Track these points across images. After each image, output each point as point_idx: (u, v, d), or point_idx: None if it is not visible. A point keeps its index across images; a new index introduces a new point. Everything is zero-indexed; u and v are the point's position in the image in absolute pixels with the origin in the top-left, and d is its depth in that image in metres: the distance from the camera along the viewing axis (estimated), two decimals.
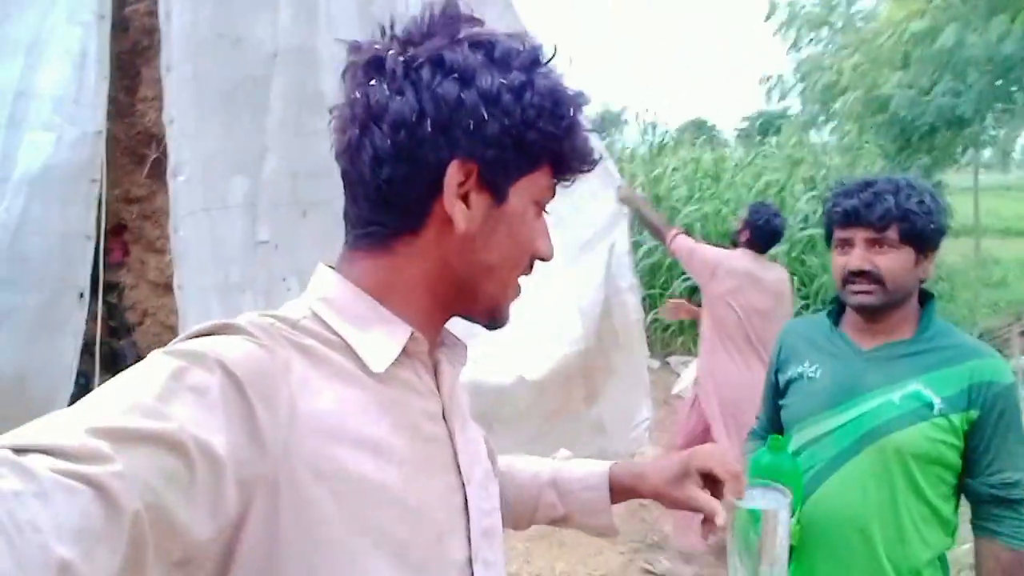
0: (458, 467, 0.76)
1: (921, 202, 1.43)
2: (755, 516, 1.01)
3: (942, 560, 1.49)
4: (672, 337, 7.18)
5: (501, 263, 0.74)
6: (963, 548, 1.74)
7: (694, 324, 3.80)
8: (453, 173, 0.69)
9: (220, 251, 2.52)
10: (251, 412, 0.59)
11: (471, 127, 0.68)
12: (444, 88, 0.68)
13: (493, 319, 0.79)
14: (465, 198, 0.70)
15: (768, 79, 9.71)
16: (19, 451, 0.46)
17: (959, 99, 5.23)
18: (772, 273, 3.49)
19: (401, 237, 0.73)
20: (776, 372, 1.69)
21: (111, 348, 3.14)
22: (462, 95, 0.68)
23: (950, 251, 8.11)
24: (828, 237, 1.57)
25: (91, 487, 0.46)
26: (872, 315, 1.50)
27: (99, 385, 0.56)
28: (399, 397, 0.71)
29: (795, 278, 7.87)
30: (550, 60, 0.74)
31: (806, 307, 7.65)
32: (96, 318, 2.72)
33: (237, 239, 2.59)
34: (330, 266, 0.76)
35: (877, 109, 5.94)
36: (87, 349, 2.81)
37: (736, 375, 3.45)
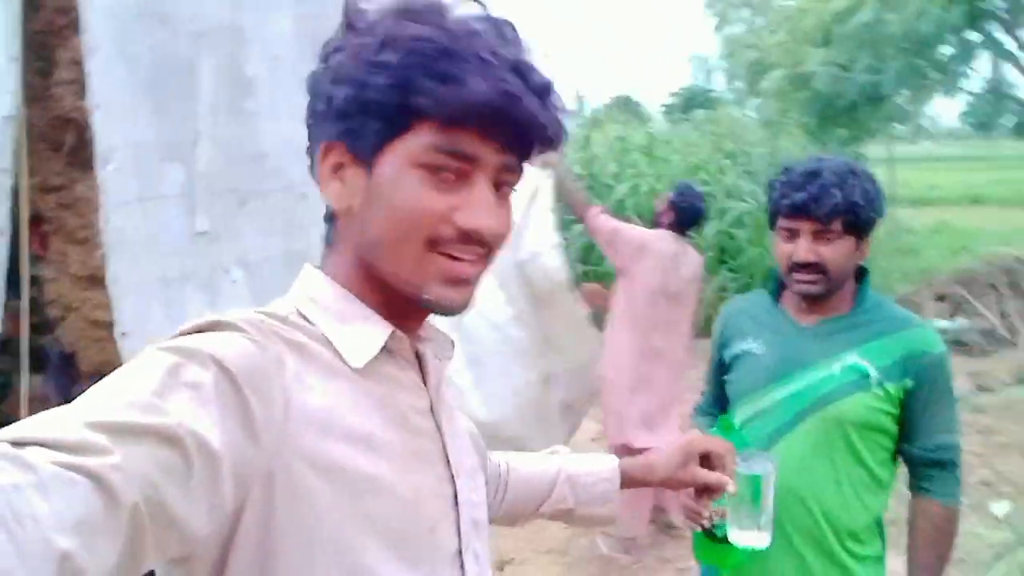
0: (447, 459, 0.78)
1: (865, 192, 1.49)
2: (746, 479, 1.18)
3: (879, 521, 1.58)
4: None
5: (385, 236, 0.70)
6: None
7: None
8: (319, 157, 0.72)
9: (156, 243, 2.40)
10: (246, 407, 0.60)
11: (325, 108, 0.70)
12: (313, 79, 0.73)
13: (417, 301, 0.72)
14: (344, 178, 0.72)
15: (695, 56, 9.91)
16: (18, 444, 0.46)
17: (878, 76, 5.43)
18: (691, 257, 3.54)
19: (332, 229, 0.77)
20: (720, 349, 1.75)
21: (32, 345, 2.97)
22: (319, 80, 0.71)
23: None
24: (772, 221, 1.61)
25: (90, 479, 0.46)
26: (815, 298, 1.57)
27: (23, 385, 0.53)
28: (386, 392, 0.73)
29: (724, 252, 8.07)
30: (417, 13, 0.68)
31: (735, 280, 7.86)
32: (16, 315, 2.57)
33: (174, 230, 2.48)
34: (316, 266, 0.78)
35: (801, 86, 6.11)
36: (6, 348, 2.64)
37: (639, 356, 3.48)
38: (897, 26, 4.80)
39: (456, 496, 0.77)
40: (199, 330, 0.65)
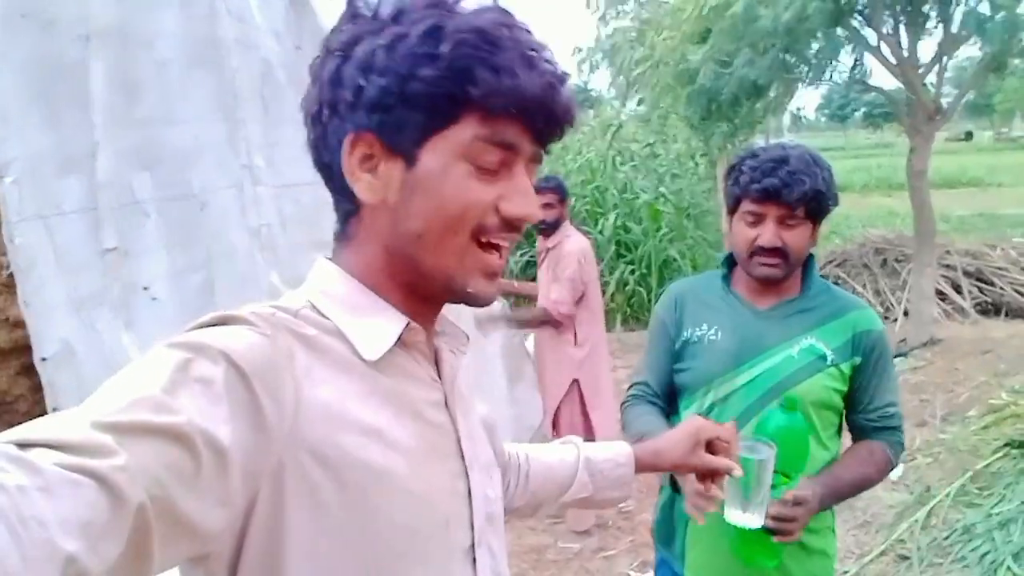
0: (461, 453, 0.78)
1: (825, 180, 1.53)
2: (749, 463, 1.22)
3: None
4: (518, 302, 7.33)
5: (427, 229, 0.69)
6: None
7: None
8: (346, 148, 0.70)
9: (64, 262, 2.26)
10: (256, 402, 0.59)
11: (351, 98, 0.69)
12: (328, 69, 0.70)
13: (456, 294, 0.73)
14: (375, 169, 0.70)
15: (579, 51, 10.12)
16: (23, 446, 0.46)
17: (755, 69, 5.73)
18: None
19: (352, 221, 0.75)
20: (674, 334, 1.70)
21: None
22: (341, 70, 0.69)
23: None
24: (734, 206, 1.62)
25: (95, 481, 0.46)
26: (770, 282, 1.61)
27: None
28: (399, 385, 0.73)
29: (620, 246, 8.32)
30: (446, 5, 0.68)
31: (632, 272, 8.12)
32: None
33: (81, 248, 2.34)
34: (328, 258, 0.77)
35: (687, 81, 6.37)
36: None
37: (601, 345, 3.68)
38: (768, 20, 5.09)
39: (470, 491, 0.77)
40: (209, 325, 0.64)
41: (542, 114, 0.69)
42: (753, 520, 1.26)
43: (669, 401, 1.73)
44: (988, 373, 5.49)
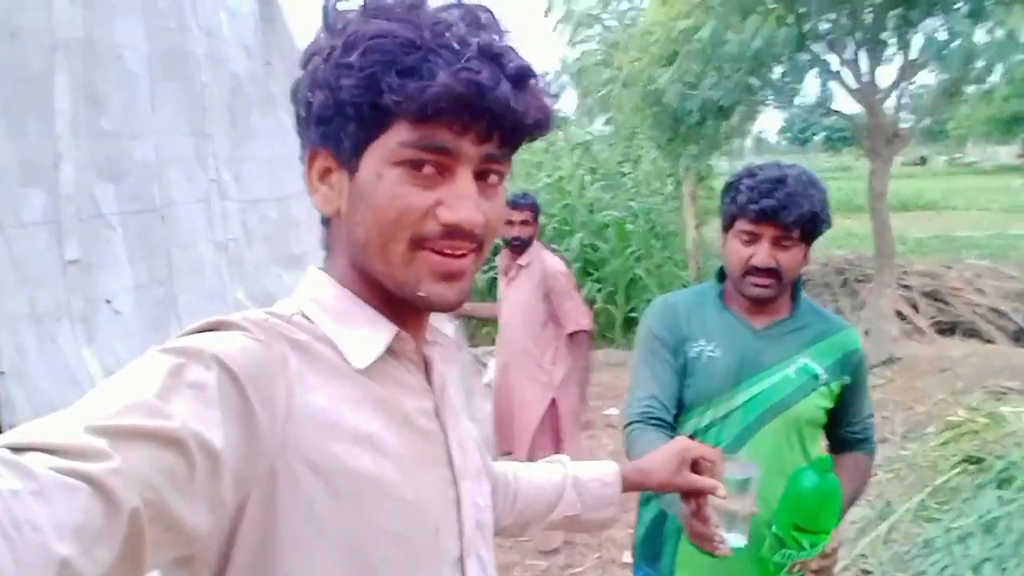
0: (451, 461, 0.78)
1: (821, 201, 1.53)
2: (732, 484, 1.20)
3: None
4: (476, 329, 7.33)
5: (369, 237, 0.70)
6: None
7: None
8: (306, 162, 0.73)
9: (23, 274, 2.21)
10: (248, 408, 0.59)
11: (304, 113, 0.71)
12: (295, 86, 0.72)
13: (411, 299, 0.72)
14: (330, 181, 0.72)
15: (546, 74, 10.21)
16: (17, 450, 0.46)
17: (720, 92, 5.85)
18: None
19: (327, 232, 0.77)
20: (676, 347, 1.63)
21: None
22: (300, 86, 0.71)
23: (712, 229, 9.06)
24: (729, 224, 1.60)
25: (89, 485, 0.46)
26: (763, 302, 1.60)
27: None
28: (390, 394, 0.73)
29: (588, 264, 8.38)
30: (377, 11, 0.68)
31: (599, 290, 8.17)
32: None
33: (41, 260, 2.29)
34: (320, 267, 0.78)
35: (654, 102, 6.47)
36: None
37: None
38: (734, 45, 5.20)
39: (459, 499, 0.78)
40: (202, 330, 0.64)
41: (473, 113, 0.66)
42: (738, 540, 1.24)
43: (676, 416, 1.63)
44: (946, 391, 5.61)
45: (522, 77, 0.68)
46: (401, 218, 0.68)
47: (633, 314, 7.83)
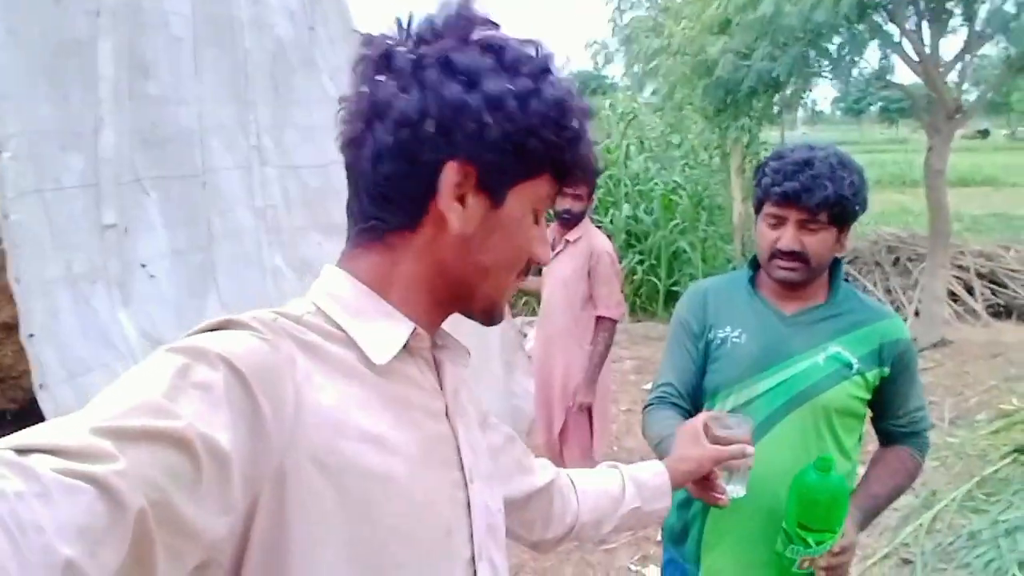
0: (462, 464, 0.78)
1: (852, 184, 1.49)
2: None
3: None
4: (516, 299, 7.30)
5: (496, 265, 0.75)
6: None
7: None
8: (450, 174, 0.70)
9: (60, 238, 2.23)
10: (256, 408, 0.59)
11: (472, 130, 0.69)
12: (449, 89, 0.68)
13: (489, 317, 0.80)
14: (462, 199, 0.71)
15: (594, 43, 10.04)
16: (21, 452, 0.46)
17: (775, 63, 5.65)
18: None
19: (399, 233, 0.74)
20: (704, 334, 1.65)
21: None
22: (466, 97, 0.68)
23: None
24: (758, 206, 1.60)
25: (94, 486, 0.46)
26: (793, 287, 1.58)
27: None
28: (401, 392, 0.73)
29: (631, 236, 8.26)
30: (558, 69, 0.75)
31: (641, 263, 8.06)
32: None
33: (80, 224, 2.31)
34: (338, 266, 0.77)
35: (704, 73, 6.29)
36: None
37: None
38: (795, 17, 5.01)
39: (470, 502, 0.77)
40: (210, 330, 0.64)
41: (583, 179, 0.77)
42: (736, 491, 1.30)
43: (694, 403, 1.65)
44: (998, 377, 5.43)
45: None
46: (526, 254, 0.78)
47: (676, 288, 7.71)
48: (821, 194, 1.46)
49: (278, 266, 3.18)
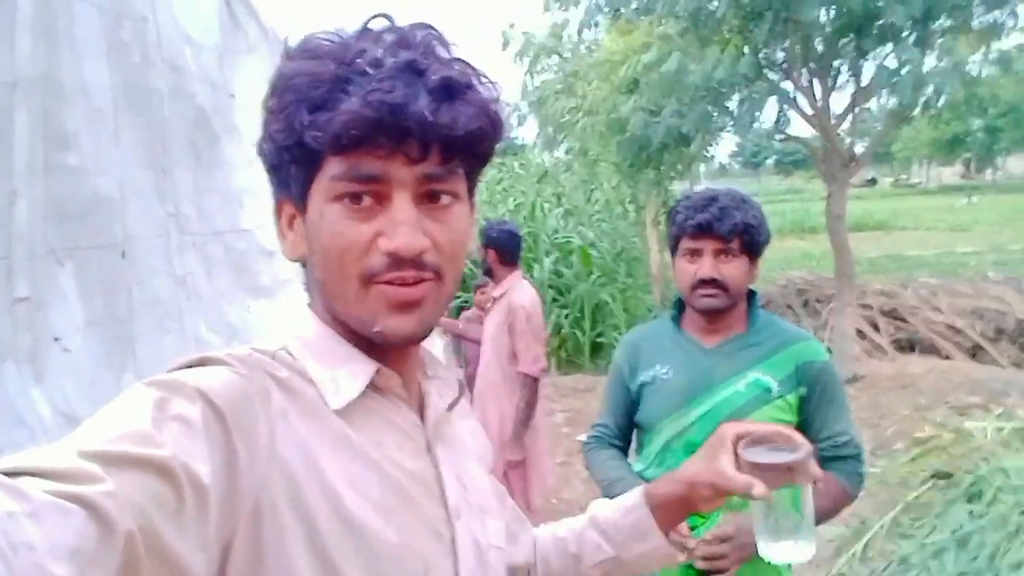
0: (444, 500, 0.75)
1: (756, 216, 1.63)
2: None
3: None
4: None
5: (324, 277, 0.69)
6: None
7: None
8: (276, 213, 0.74)
9: None
10: (231, 443, 0.58)
11: (265, 167, 0.72)
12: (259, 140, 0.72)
13: (372, 336, 0.69)
14: (294, 227, 0.72)
15: (508, 105, 10.29)
16: (10, 474, 0.45)
17: (683, 120, 5.94)
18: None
19: (306, 275, 0.75)
20: (628, 379, 1.78)
21: None
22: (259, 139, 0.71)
23: None
24: (674, 246, 1.72)
25: (83, 507, 0.45)
26: (715, 316, 1.67)
27: None
28: (373, 432, 0.71)
29: (553, 290, 8.38)
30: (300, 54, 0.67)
31: (566, 316, 8.17)
32: None
33: None
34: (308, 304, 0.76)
35: (617, 130, 6.55)
36: None
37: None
38: (697, 75, 5.32)
39: (454, 539, 0.74)
40: (186, 367, 0.64)
41: (392, 135, 0.63)
42: (802, 551, 0.89)
43: (627, 440, 1.82)
44: (910, 407, 5.69)
45: (448, 88, 0.64)
46: (344, 254, 0.66)
47: (600, 339, 7.83)
48: (730, 222, 1.59)
49: (201, 335, 3.09)
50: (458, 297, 8.04)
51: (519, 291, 3.42)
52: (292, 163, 0.67)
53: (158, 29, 3.19)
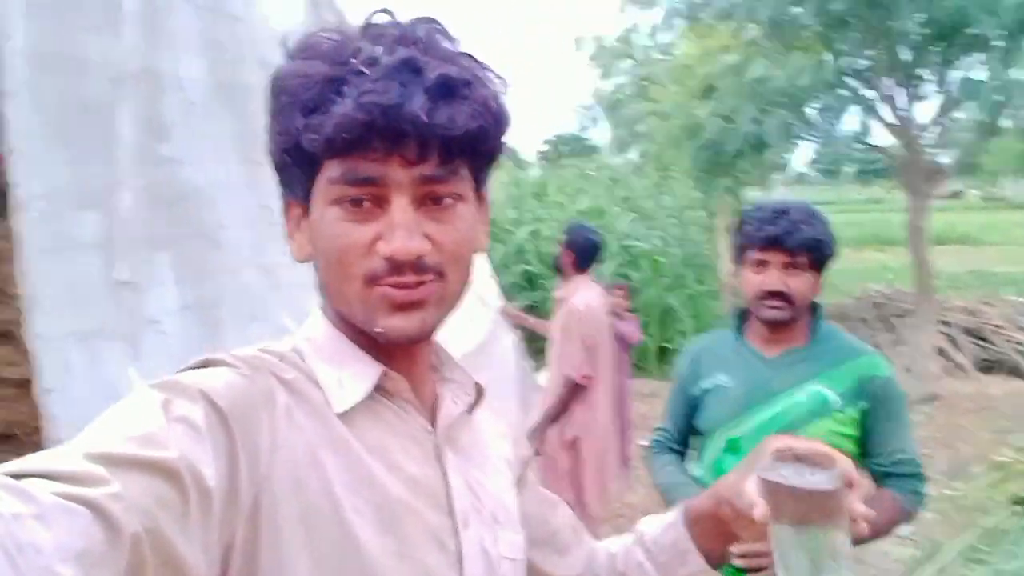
0: (451, 509, 0.72)
1: (825, 231, 1.64)
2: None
3: None
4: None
5: (327, 279, 0.69)
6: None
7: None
8: (284, 214, 0.72)
9: (75, 294, 2.26)
10: (233, 444, 0.58)
11: (271, 165, 0.70)
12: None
13: (374, 336, 0.68)
14: (302, 230, 0.71)
15: (583, 106, 10.34)
16: (17, 476, 0.46)
17: (761, 126, 5.86)
18: (603, 297, 3.57)
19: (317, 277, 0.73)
20: (689, 386, 1.82)
21: None
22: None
23: None
24: (739, 254, 1.74)
25: (90, 509, 0.45)
26: (778, 327, 1.69)
27: None
28: (375, 437, 0.69)
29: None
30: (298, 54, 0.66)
31: None
32: None
33: (92, 281, 2.34)
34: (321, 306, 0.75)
35: (692, 135, 6.50)
36: None
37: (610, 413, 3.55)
38: (782, 81, 5.24)
39: (460, 550, 0.71)
40: (192, 368, 0.64)
41: (387, 137, 0.61)
42: None
43: (687, 446, 1.87)
44: (989, 429, 5.48)
45: (446, 85, 0.62)
46: (344, 257, 0.65)
47: (668, 344, 7.77)
48: (800, 236, 1.60)
49: (284, 323, 3.21)
50: (524, 296, 8.09)
51: (579, 294, 3.44)
52: (294, 166, 0.66)
53: (250, 27, 3.34)
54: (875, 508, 1.56)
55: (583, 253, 3.49)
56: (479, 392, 0.80)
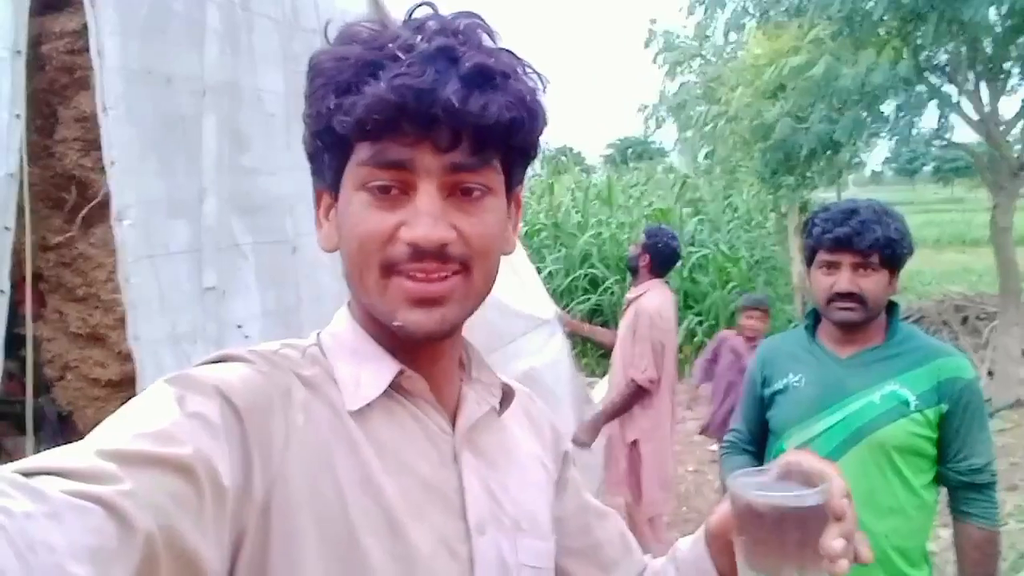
0: (465, 513, 0.70)
1: (898, 229, 1.60)
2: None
3: (926, 545, 1.66)
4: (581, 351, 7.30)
5: (349, 267, 0.67)
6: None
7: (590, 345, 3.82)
8: (315, 204, 0.72)
9: (167, 300, 2.39)
10: (247, 440, 0.58)
11: (305, 154, 0.71)
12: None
13: (393, 330, 0.66)
14: (331, 219, 0.70)
15: (646, 108, 10.23)
16: (27, 474, 0.45)
17: (834, 125, 5.71)
18: (672, 301, 3.55)
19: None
20: (762, 387, 1.82)
21: (20, 407, 2.87)
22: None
23: None
24: (810, 257, 1.72)
25: (102, 507, 0.45)
26: (851, 327, 1.66)
27: (21, 449, 0.51)
28: (389, 437, 0.68)
29: (688, 297, 8.26)
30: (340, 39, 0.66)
31: (700, 323, 8.03)
32: (12, 377, 2.50)
33: (183, 286, 2.46)
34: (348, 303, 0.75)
35: (761, 136, 6.38)
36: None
37: (670, 418, 3.51)
38: (851, 80, 5.10)
39: (472, 556, 0.69)
40: (209, 363, 0.65)
41: (419, 121, 0.61)
42: None
43: (760, 446, 1.87)
44: None
45: (480, 74, 0.61)
46: (366, 243, 0.64)
47: None
48: (871, 236, 1.57)
49: None
50: (587, 299, 8.08)
51: (650, 297, 3.44)
52: (324, 150, 0.66)
53: (326, 42, 3.47)
54: (969, 553, 1.57)
55: (661, 258, 3.48)
56: (506, 393, 0.78)
